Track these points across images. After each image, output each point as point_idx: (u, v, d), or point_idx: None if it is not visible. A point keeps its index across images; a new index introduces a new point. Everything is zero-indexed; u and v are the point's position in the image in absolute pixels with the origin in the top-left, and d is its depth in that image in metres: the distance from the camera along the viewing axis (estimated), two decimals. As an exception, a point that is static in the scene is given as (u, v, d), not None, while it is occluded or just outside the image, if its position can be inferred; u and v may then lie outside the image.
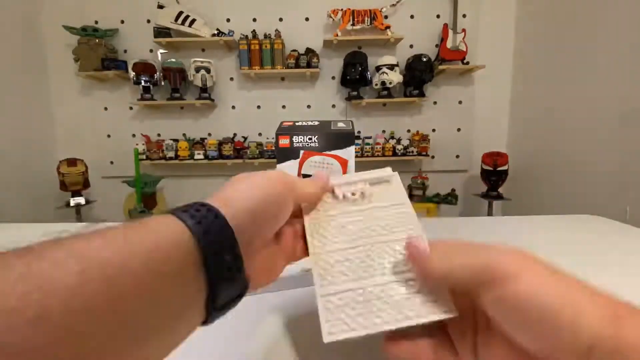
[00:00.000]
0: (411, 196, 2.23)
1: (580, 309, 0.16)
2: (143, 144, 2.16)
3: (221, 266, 0.18)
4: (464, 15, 2.16)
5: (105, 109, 2.24)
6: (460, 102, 2.27)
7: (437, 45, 2.17)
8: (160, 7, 2.02)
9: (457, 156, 2.33)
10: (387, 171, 0.28)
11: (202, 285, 0.18)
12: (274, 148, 2.12)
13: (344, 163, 0.58)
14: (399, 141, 2.21)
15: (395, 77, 2.04)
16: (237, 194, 0.22)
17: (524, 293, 0.17)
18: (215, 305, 0.18)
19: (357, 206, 0.27)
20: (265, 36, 2.09)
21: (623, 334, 0.15)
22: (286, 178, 0.24)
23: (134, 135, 2.26)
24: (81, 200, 1.98)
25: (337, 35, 2.03)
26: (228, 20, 2.15)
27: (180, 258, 0.17)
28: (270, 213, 0.22)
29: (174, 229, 0.17)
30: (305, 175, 0.59)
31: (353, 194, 0.28)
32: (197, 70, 2.03)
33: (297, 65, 2.07)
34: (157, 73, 2.08)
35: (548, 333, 0.16)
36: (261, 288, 0.23)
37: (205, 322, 0.19)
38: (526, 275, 0.17)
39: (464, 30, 2.08)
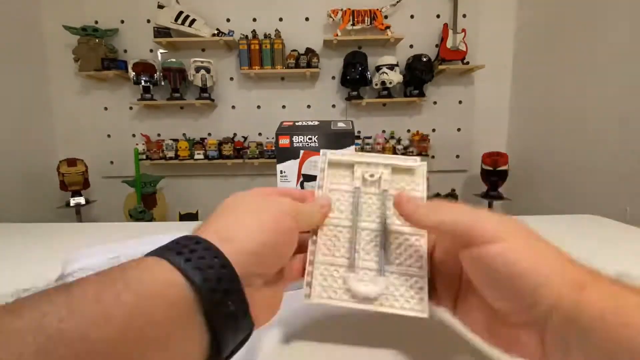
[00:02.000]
0: (411, 196, 2.23)
1: (545, 276, 0.17)
2: (143, 144, 2.16)
3: (225, 316, 0.16)
4: (464, 15, 2.15)
5: (105, 109, 2.23)
6: (460, 102, 2.27)
7: (437, 45, 2.17)
8: (160, 7, 2.02)
9: (457, 156, 2.33)
10: (416, 161, 0.27)
11: (204, 338, 0.16)
12: (274, 148, 2.12)
13: (344, 163, 0.58)
14: (399, 141, 2.21)
15: (395, 77, 2.04)
16: (241, 232, 0.19)
17: (497, 255, 0.18)
18: (221, 356, 0.17)
19: (371, 188, 0.27)
20: (265, 36, 2.09)
21: (583, 300, 0.16)
22: (292, 209, 0.22)
23: (134, 135, 2.26)
24: (81, 200, 1.97)
25: (337, 35, 2.03)
26: (228, 20, 2.15)
27: (174, 313, 0.15)
28: (277, 253, 0.21)
29: (163, 277, 0.15)
30: (305, 176, 0.59)
31: (371, 176, 0.27)
32: (197, 70, 2.03)
33: (297, 65, 2.06)
34: (157, 73, 2.08)
35: (512, 294, 0.18)
36: (265, 324, 0.21)
37: None
38: (503, 239, 0.18)
39: (464, 30, 2.08)
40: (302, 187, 0.59)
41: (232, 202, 0.23)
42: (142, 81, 2.04)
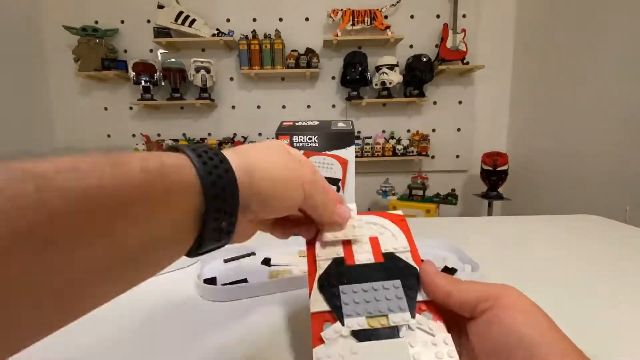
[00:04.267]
0: (411, 196, 2.23)
1: (555, 347, 0.17)
2: (143, 144, 2.16)
3: (216, 230, 0.19)
4: (464, 15, 2.16)
5: (105, 109, 2.24)
6: (460, 102, 2.27)
7: (437, 45, 2.17)
8: (160, 7, 2.02)
9: (457, 156, 2.33)
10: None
11: (193, 233, 0.18)
12: (274, 148, 2.11)
13: (344, 163, 0.58)
14: (399, 141, 2.21)
15: (395, 77, 2.04)
16: (257, 161, 0.21)
17: (508, 323, 0.19)
18: (196, 253, 0.19)
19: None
20: (265, 36, 2.09)
21: None
22: (311, 167, 0.24)
23: (134, 135, 2.26)
24: (81, 200, 1.97)
25: (337, 35, 2.03)
26: (228, 20, 2.15)
27: (181, 205, 0.17)
28: (284, 196, 0.22)
29: (185, 171, 0.17)
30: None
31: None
32: (197, 70, 2.03)
33: (297, 65, 2.07)
34: (157, 73, 2.08)
35: (508, 355, 0.18)
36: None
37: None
38: (514, 308, 0.19)
39: (464, 30, 2.08)
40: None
41: (270, 145, 0.24)
42: (142, 81, 2.04)
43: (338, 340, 0.21)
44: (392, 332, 0.22)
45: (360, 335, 0.21)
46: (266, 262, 0.47)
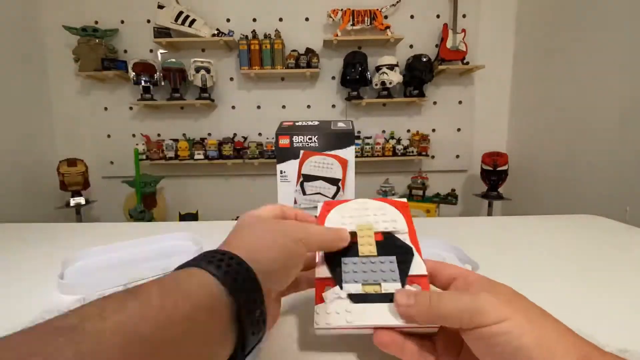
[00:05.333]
0: (411, 196, 2.23)
1: (551, 351, 0.18)
2: (143, 144, 2.16)
3: (252, 322, 0.20)
4: (464, 15, 2.16)
5: (105, 109, 2.24)
6: (460, 102, 2.27)
7: (437, 45, 2.17)
8: (160, 7, 2.02)
9: (457, 156, 2.33)
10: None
11: (234, 338, 0.20)
12: (274, 148, 2.11)
13: (343, 163, 0.58)
14: (399, 141, 2.21)
15: (395, 77, 2.04)
16: (262, 251, 0.23)
17: (502, 334, 0.19)
18: (244, 354, 0.21)
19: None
20: (265, 36, 2.09)
21: None
22: (302, 234, 0.26)
23: (134, 135, 2.26)
24: (81, 200, 1.97)
25: (337, 35, 2.03)
26: (228, 20, 2.15)
27: (216, 319, 0.19)
28: (289, 273, 0.25)
29: (209, 289, 0.19)
30: (305, 176, 0.59)
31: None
32: (197, 70, 2.03)
33: (297, 66, 2.06)
34: (157, 73, 2.08)
35: None
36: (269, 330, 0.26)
37: None
38: (507, 318, 0.19)
39: (464, 30, 2.08)
40: (302, 187, 0.59)
41: (249, 222, 0.26)
42: (142, 81, 2.04)
43: (336, 300, 0.25)
44: (383, 298, 0.25)
45: (355, 298, 0.25)
46: None
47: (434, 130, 2.28)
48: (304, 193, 0.59)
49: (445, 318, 0.21)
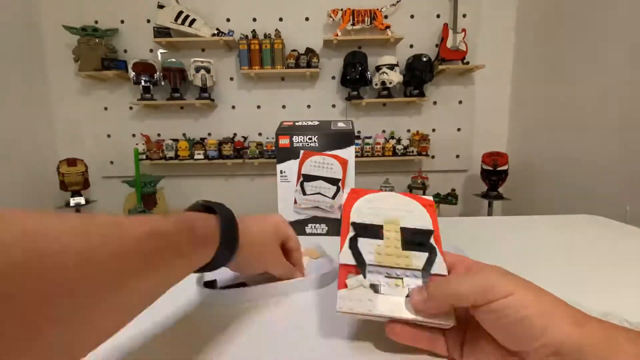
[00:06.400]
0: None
1: (551, 318, 0.21)
2: (143, 144, 2.16)
3: (229, 242, 0.30)
4: (464, 15, 2.15)
5: (105, 109, 2.24)
6: (460, 102, 2.27)
7: (437, 45, 2.17)
8: (160, 6, 2.02)
9: (457, 156, 2.33)
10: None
11: (210, 255, 0.28)
12: (274, 148, 2.11)
13: (344, 163, 0.58)
14: (399, 141, 2.20)
15: (395, 77, 2.04)
16: (251, 234, 0.33)
17: (510, 306, 0.22)
18: (212, 266, 0.29)
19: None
20: (265, 36, 2.09)
21: (583, 335, 0.20)
22: (282, 235, 0.39)
23: (134, 135, 2.26)
24: (81, 200, 1.98)
25: (337, 35, 2.03)
26: (228, 20, 2.15)
27: (210, 230, 0.28)
28: (261, 259, 0.37)
29: (209, 216, 0.29)
30: (305, 176, 0.59)
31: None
32: (197, 70, 2.03)
33: (297, 65, 2.06)
34: (157, 73, 2.08)
35: (523, 338, 0.22)
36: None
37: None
38: (514, 292, 0.22)
39: (464, 30, 2.08)
40: (302, 187, 0.59)
41: (253, 221, 0.36)
42: (142, 81, 2.04)
43: (359, 288, 0.27)
44: (404, 292, 0.26)
45: (377, 289, 0.27)
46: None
47: (434, 130, 2.28)
48: (304, 193, 0.59)
49: (461, 297, 0.24)
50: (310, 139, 0.58)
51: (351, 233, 0.30)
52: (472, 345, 0.25)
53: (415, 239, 0.30)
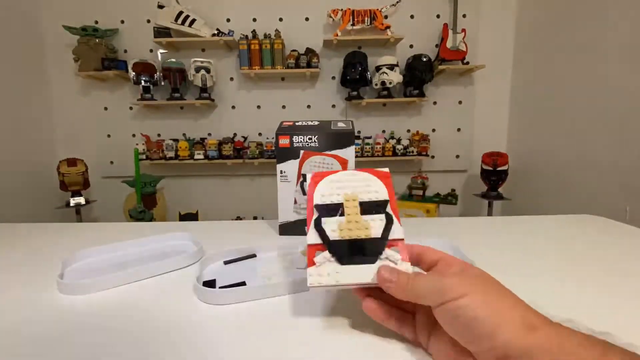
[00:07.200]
0: (411, 196, 2.23)
1: (499, 321, 0.21)
2: (143, 144, 2.16)
3: None
4: (464, 15, 2.16)
5: (105, 109, 2.24)
6: (460, 102, 2.27)
7: (437, 45, 2.17)
8: (160, 7, 2.02)
9: (457, 156, 2.33)
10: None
11: None
12: (274, 148, 2.11)
13: (343, 163, 0.58)
14: (399, 141, 2.20)
15: (395, 77, 2.04)
16: None
17: (460, 307, 0.23)
18: None
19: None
20: (265, 36, 2.09)
21: (533, 339, 0.20)
22: None
23: (134, 135, 2.26)
24: (81, 200, 1.97)
25: (337, 35, 2.03)
26: (228, 20, 2.16)
27: None
28: None
29: None
30: (305, 176, 0.59)
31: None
32: (197, 70, 2.03)
33: (297, 65, 2.06)
34: (157, 73, 2.08)
35: (473, 339, 0.22)
36: None
37: None
38: (466, 294, 0.23)
39: (464, 30, 2.08)
40: (302, 187, 0.59)
41: None
42: (142, 81, 2.04)
43: (326, 263, 0.29)
44: (367, 260, 0.29)
45: (343, 261, 0.29)
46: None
47: (434, 130, 2.28)
48: (304, 193, 0.59)
49: (419, 297, 0.26)
50: (310, 139, 0.58)
51: (315, 215, 0.32)
52: (438, 337, 0.26)
53: (372, 210, 0.32)
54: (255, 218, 2.31)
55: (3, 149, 1.86)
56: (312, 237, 0.31)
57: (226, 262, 0.48)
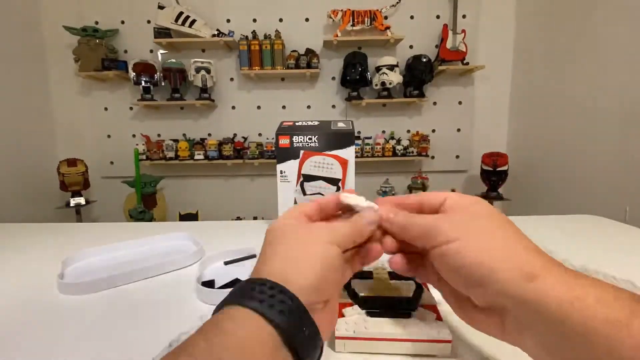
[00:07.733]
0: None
1: (488, 268, 0.20)
2: (143, 144, 2.16)
3: (303, 340, 0.19)
4: (464, 16, 2.16)
5: (105, 109, 2.24)
6: (460, 103, 2.27)
7: (437, 46, 2.17)
8: (161, 7, 2.03)
9: (457, 156, 2.33)
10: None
11: None
12: (274, 148, 2.11)
13: (344, 163, 0.58)
14: (398, 141, 2.21)
15: (395, 78, 2.04)
16: (300, 267, 0.21)
17: (451, 251, 0.21)
18: None
19: None
20: (265, 36, 2.09)
21: (535, 291, 0.18)
22: (332, 236, 0.23)
23: (134, 136, 2.26)
24: (81, 200, 1.97)
25: (337, 35, 2.03)
26: (228, 20, 2.16)
27: (267, 352, 0.18)
28: (328, 282, 0.22)
29: (257, 331, 0.18)
30: (305, 176, 0.59)
31: None
32: (197, 70, 2.03)
33: (297, 66, 2.07)
34: (157, 73, 2.08)
35: (465, 284, 0.21)
36: (328, 336, 0.24)
37: None
38: (458, 238, 0.21)
39: (463, 30, 2.08)
40: (302, 187, 0.59)
41: (277, 235, 0.24)
42: (142, 81, 2.04)
43: (354, 315, 0.30)
44: (395, 314, 0.30)
45: (371, 314, 0.30)
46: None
47: (434, 130, 2.28)
48: (304, 193, 0.59)
49: (413, 238, 0.24)
50: (310, 139, 0.58)
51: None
52: (441, 280, 0.25)
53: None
54: (255, 218, 2.31)
55: (3, 149, 1.86)
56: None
57: (226, 263, 0.48)
